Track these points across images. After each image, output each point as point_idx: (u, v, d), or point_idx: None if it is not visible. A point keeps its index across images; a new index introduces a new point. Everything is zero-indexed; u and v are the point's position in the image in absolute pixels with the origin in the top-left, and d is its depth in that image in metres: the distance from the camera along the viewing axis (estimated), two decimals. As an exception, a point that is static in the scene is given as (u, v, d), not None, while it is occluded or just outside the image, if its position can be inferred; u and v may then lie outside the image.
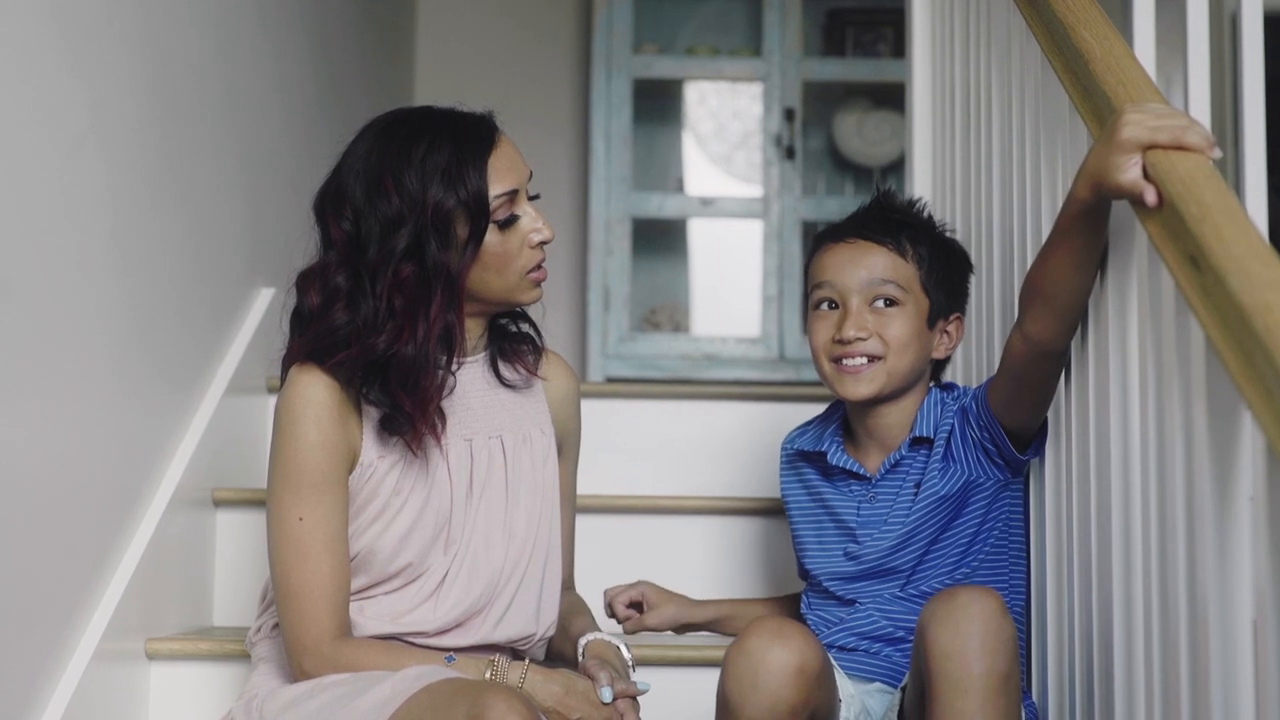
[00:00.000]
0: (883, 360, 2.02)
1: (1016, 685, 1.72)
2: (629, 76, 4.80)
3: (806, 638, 1.77)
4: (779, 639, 1.75)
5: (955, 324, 2.10)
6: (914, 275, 2.05)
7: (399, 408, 1.88)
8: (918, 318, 2.05)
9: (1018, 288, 2.11)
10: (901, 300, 2.04)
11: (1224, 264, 1.33)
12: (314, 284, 1.90)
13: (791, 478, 2.17)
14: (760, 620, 1.79)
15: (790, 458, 2.18)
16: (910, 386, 2.06)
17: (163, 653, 2.23)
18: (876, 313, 2.03)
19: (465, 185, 1.87)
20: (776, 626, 1.77)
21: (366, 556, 1.91)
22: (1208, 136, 1.55)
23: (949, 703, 1.69)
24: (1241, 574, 1.38)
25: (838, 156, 5.01)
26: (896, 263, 2.05)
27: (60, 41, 2.00)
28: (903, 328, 2.03)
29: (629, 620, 2.20)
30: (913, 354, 2.04)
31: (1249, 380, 1.25)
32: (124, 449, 2.25)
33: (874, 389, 2.02)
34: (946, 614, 1.71)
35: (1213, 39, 2.07)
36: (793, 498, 2.16)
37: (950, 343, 2.10)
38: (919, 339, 2.04)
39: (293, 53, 3.22)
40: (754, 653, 1.75)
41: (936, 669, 1.70)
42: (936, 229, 2.13)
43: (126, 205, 2.23)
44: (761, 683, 1.73)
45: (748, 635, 1.77)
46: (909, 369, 2.04)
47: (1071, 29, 1.84)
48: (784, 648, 1.74)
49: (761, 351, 4.75)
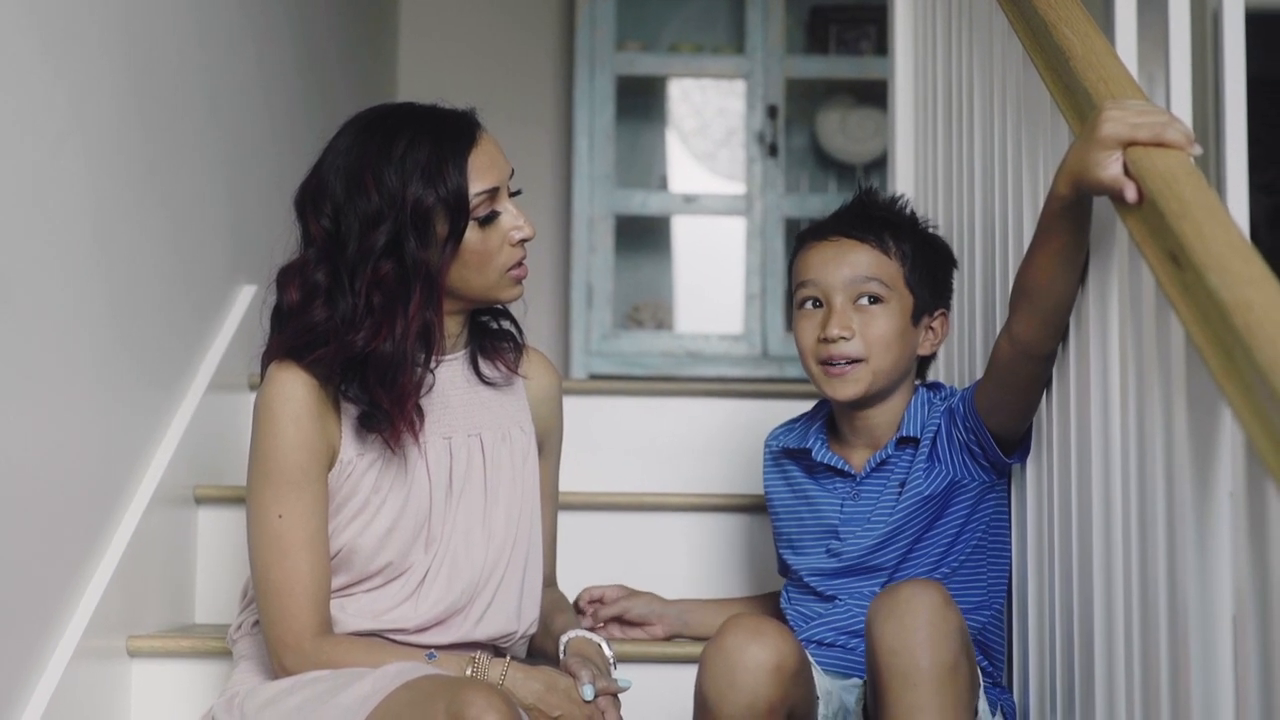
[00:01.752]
0: (865, 362, 2.02)
1: (966, 675, 1.73)
2: (612, 73, 4.80)
3: (783, 635, 1.77)
4: (756, 637, 1.74)
5: (940, 320, 2.10)
6: (897, 272, 2.05)
7: (377, 405, 1.87)
8: (902, 315, 2.05)
9: (999, 285, 2.12)
10: (885, 298, 2.04)
11: (1204, 261, 1.33)
12: (293, 280, 1.90)
13: (775, 474, 2.17)
14: (737, 618, 1.79)
15: (774, 455, 2.18)
16: (897, 385, 2.06)
17: (144, 650, 2.22)
18: (860, 310, 2.03)
19: (445, 183, 1.87)
20: (754, 624, 1.76)
21: (347, 555, 1.90)
22: (1188, 133, 1.55)
23: (899, 697, 1.70)
24: (1221, 570, 1.39)
25: (821, 154, 5.01)
26: (880, 260, 2.05)
27: (40, 39, 1.99)
28: (886, 325, 2.03)
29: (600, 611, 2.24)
30: (896, 352, 2.04)
31: (1228, 377, 1.25)
32: (105, 446, 2.24)
33: (859, 390, 2.02)
34: (890, 610, 1.73)
35: (1194, 36, 2.07)
36: (776, 494, 2.16)
37: (935, 339, 2.10)
38: (903, 336, 2.04)
39: (275, 49, 3.22)
40: (731, 651, 1.74)
41: (884, 664, 1.72)
42: (919, 225, 2.13)
43: (108, 203, 2.22)
44: (739, 681, 1.73)
45: (724, 633, 1.77)
46: (893, 367, 2.04)
47: (1053, 26, 1.84)
48: (761, 645, 1.74)
49: (744, 348, 4.75)
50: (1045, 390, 1.92)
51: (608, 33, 4.80)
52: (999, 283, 2.13)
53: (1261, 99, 2.41)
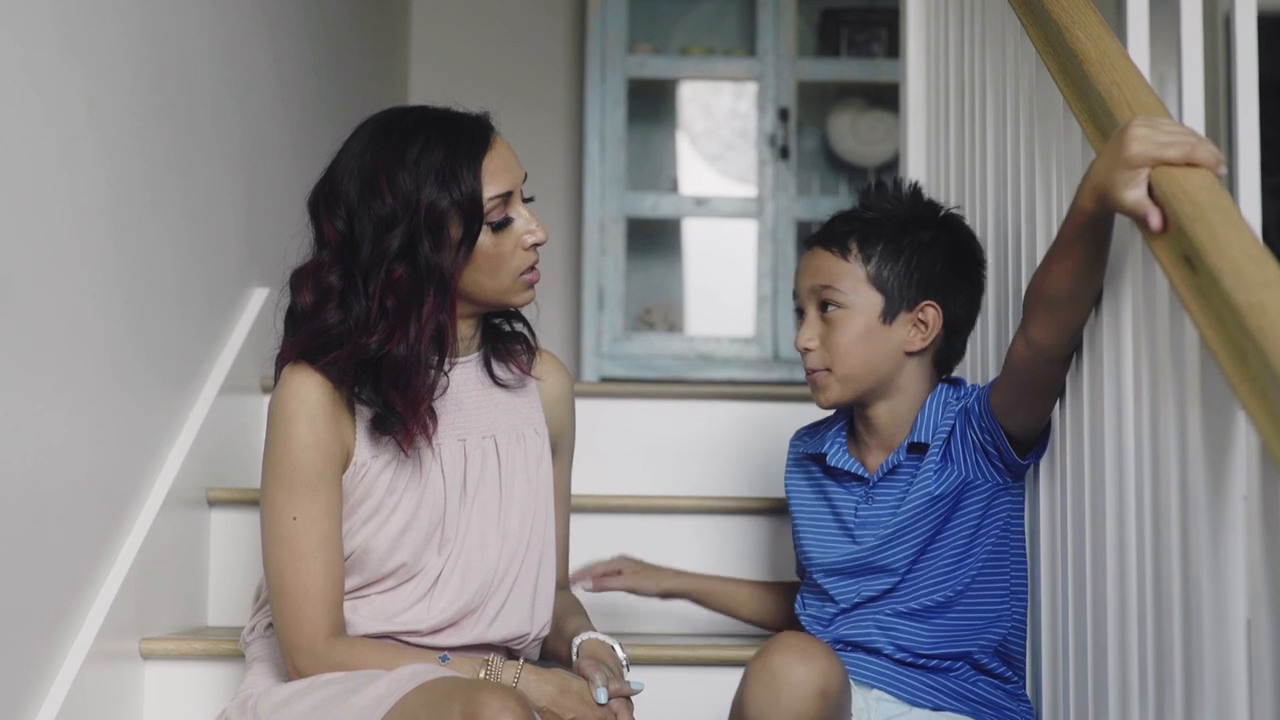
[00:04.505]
0: (829, 371, 2.03)
1: None
2: (623, 76, 4.80)
3: (830, 657, 1.76)
4: (803, 658, 1.73)
5: (930, 311, 2.04)
6: (858, 274, 2.03)
7: (390, 407, 1.88)
8: (865, 316, 2.02)
9: (1011, 286, 2.12)
10: (843, 303, 2.03)
11: (1218, 264, 1.33)
12: (307, 283, 1.90)
13: (797, 473, 2.17)
14: (785, 637, 1.78)
15: (798, 456, 2.18)
16: (890, 384, 2.04)
17: (157, 652, 2.23)
18: (825, 319, 2.04)
19: (459, 186, 1.87)
20: (802, 645, 1.75)
21: (360, 556, 1.91)
22: (1216, 153, 1.52)
23: None
24: (1236, 573, 1.39)
25: (832, 156, 5.01)
26: (835, 265, 2.04)
27: (59, 36, 2.00)
28: (845, 331, 2.02)
29: (606, 580, 2.28)
30: (862, 356, 2.02)
31: (1243, 380, 1.25)
32: (119, 448, 2.24)
33: (833, 397, 2.04)
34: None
35: (1206, 39, 2.07)
36: (796, 491, 2.15)
37: (927, 332, 2.04)
38: (868, 339, 2.02)
39: (291, 51, 3.22)
40: (778, 670, 1.73)
41: None
42: (904, 215, 2.06)
43: (125, 202, 2.23)
44: (783, 701, 1.72)
45: (772, 652, 1.76)
46: (866, 370, 2.02)
47: (1066, 29, 1.84)
48: (808, 668, 1.73)
49: (755, 351, 4.75)
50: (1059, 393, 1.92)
51: (619, 35, 4.80)
52: (1011, 284, 2.12)
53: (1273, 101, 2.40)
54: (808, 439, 2.17)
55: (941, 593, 1.98)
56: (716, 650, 2.22)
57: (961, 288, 2.08)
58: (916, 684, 1.96)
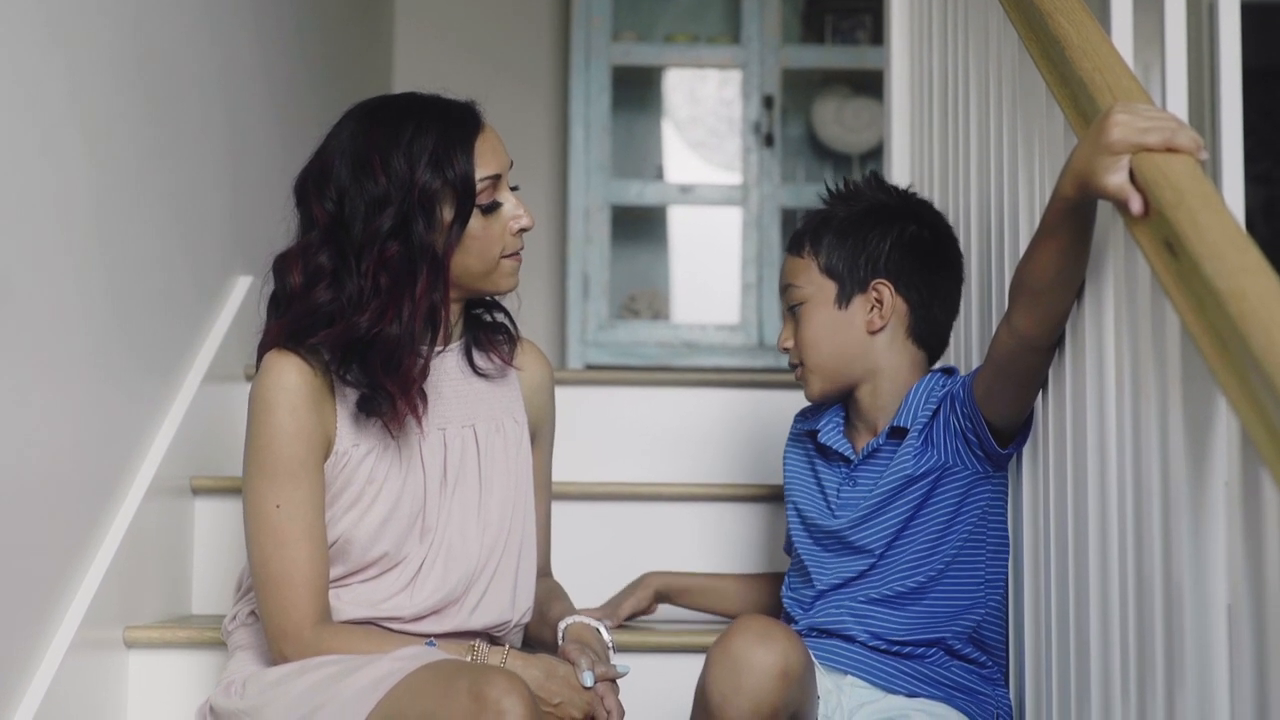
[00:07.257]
0: (803, 365, 2.09)
1: None
2: (608, 64, 4.79)
3: (790, 638, 1.76)
4: (763, 640, 1.73)
5: (883, 289, 2.05)
6: (812, 267, 2.09)
7: (380, 387, 1.88)
8: (824, 306, 2.08)
9: (995, 274, 2.12)
10: (803, 298, 2.09)
11: (1199, 250, 1.33)
12: (295, 264, 1.90)
13: (795, 448, 2.20)
14: (745, 620, 1.78)
15: (797, 432, 2.22)
16: (864, 367, 2.07)
17: (141, 641, 2.22)
18: (795, 317, 2.11)
19: (453, 167, 1.89)
20: (761, 627, 1.75)
21: (343, 545, 1.91)
22: (1196, 138, 1.52)
23: None
24: (1216, 560, 1.39)
25: (817, 144, 5.01)
26: (795, 264, 2.12)
27: (41, 23, 1.99)
28: (808, 323, 2.08)
29: None
30: (828, 345, 2.07)
31: (1223, 366, 1.25)
32: (102, 436, 2.24)
33: (815, 390, 2.11)
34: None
35: (1190, 26, 2.07)
36: (791, 465, 2.18)
37: (884, 310, 2.05)
38: (830, 327, 2.07)
39: (275, 37, 3.21)
40: (738, 653, 1.73)
41: None
42: (859, 205, 2.10)
43: (107, 190, 2.22)
44: (744, 684, 1.72)
45: (732, 635, 1.76)
46: (836, 360, 2.07)
47: (1049, 15, 1.84)
48: (768, 649, 1.73)
49: (741, 339, 4.75)
50: (1040, 379, 1.93)
51: (603, 23, 4.79)
52: (995, 272, 2.13)
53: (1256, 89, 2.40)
54: (808, 416, 2.19)
55: (915, 578, 1.99)
56: (698, 638, 2.22)
57: (916, 263, 2.08)
58: (890, 670, 1.97)
